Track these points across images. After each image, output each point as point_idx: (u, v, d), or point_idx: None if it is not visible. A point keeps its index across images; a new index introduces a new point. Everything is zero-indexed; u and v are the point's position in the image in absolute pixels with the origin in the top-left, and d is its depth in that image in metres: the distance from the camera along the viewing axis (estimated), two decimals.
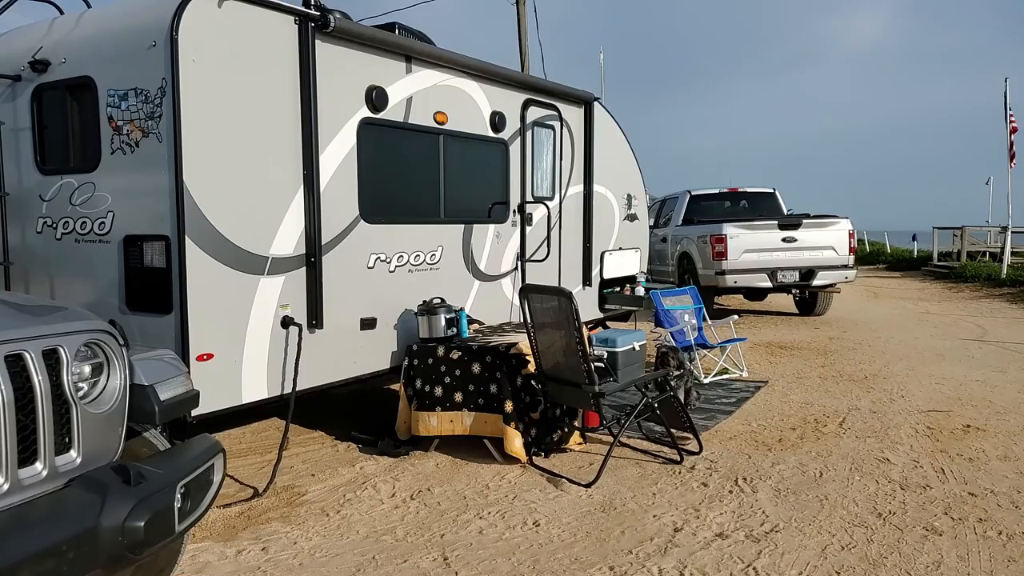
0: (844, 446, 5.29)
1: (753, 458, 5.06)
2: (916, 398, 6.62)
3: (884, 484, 4.53)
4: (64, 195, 4.50)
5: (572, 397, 4.85)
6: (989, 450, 5.13)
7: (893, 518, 4.02)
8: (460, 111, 5.91)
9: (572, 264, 7.55)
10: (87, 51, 4.35)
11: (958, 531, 3.85)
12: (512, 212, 6.59)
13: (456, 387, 4.98)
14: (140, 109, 4.09)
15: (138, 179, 4.15)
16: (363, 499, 4.41)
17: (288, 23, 4.51)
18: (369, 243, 5.15)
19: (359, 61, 5.00)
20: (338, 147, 4.90)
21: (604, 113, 7.94)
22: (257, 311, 4.42)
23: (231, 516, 4.17)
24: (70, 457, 2.41)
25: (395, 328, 5.40)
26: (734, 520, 4.03)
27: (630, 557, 3.60)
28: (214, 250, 4.16)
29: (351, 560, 3.61)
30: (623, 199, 8.47)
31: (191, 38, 3.97)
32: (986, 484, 4.50)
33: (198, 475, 2.64)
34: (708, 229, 11.69)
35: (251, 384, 4.41)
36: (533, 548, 3.73)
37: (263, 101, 4.39)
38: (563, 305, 4.57)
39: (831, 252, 11.47)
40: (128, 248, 4.23)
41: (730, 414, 6.21)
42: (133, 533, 2.28)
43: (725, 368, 7.75)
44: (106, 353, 2.61)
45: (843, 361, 8.42)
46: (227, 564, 3.57)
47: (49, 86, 4.53)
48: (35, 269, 4.70)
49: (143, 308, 4.20)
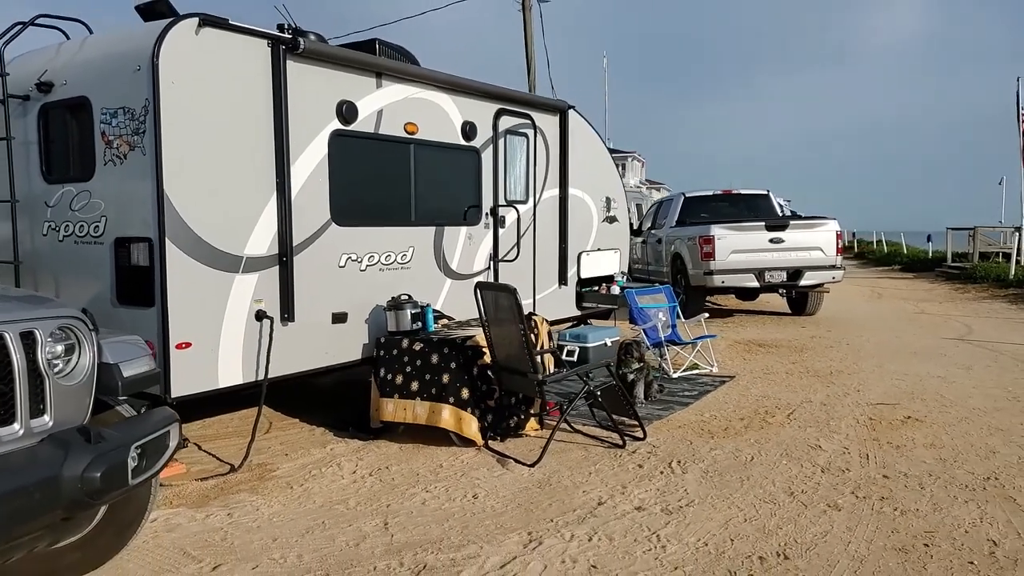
0: (783, 435, 5.65)
1: (694, 444, 5.45)
2: (871, 393, 6.94)
3: (808, 468, 4.90)
4: (65, 202, 5.05)
5: (520, 385, 5.28)
6: (919, 439, 5.47)
7: (802, 496, 4.40)
8: (431, 122, 6.38)
9: (547, 264, 7.98)
10: (84, 74, 4.89)
11: (857, 507, 4.22)
12: (485, 215, 7.04)
13: (414, 376, 5.44)
14: (127, 126, 4.61)
15: (126, 188, 4.67)
16: (326, 475, 4.88)
17: (261, 46, 5.02)
18: (340, 244, 5.64)
19: (330, 78, 5.49)
20: (310, 156, 5.39)
21: (581, 120, 8.35)
22: (232, 305, 4.92)
23: (207, 488, 4.67)
24: (43, 420, 2.90)
25: (366, 322, 5.88)
26: (656, 496, 4.43)
27: (549, 524, 4.03)
28: (192, 250, 4.67)
29: (303, 524, 4.09)
30: (602, 202, 8.87)
31: (170, 63, 4.49)
32: (903, 468, 4.85)
33: (153, 439, 3.12)
34: (697, 230, 12.04)
35: (227, 370, 4.92)
36: (466, 516, 4.17)
37: (238, 116, 4.89)
38: (509, 300, 5.02)
39: (818, 253, 11.75)
40: (118, 249, 4.76)
41: (687, 406, 6.60)
42: (90, 482, 2.76)
43: (695, 364, 8.11)
44: (77, 336, 3.10)
45: (816, 358, 8.74)
46: (195, 525, 4.06)
47: (53, 105, 5.08)
48: (42, 268, 5.25)
49: (131, 302, 4.73)
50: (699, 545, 3.75)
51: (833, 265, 11.77)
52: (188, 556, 3.69)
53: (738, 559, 3.59)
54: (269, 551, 3.74)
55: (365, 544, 3.82)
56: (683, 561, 3.58)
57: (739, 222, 12.00)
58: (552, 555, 3.65)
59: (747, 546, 3.73)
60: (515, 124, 7.37)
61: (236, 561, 3.63)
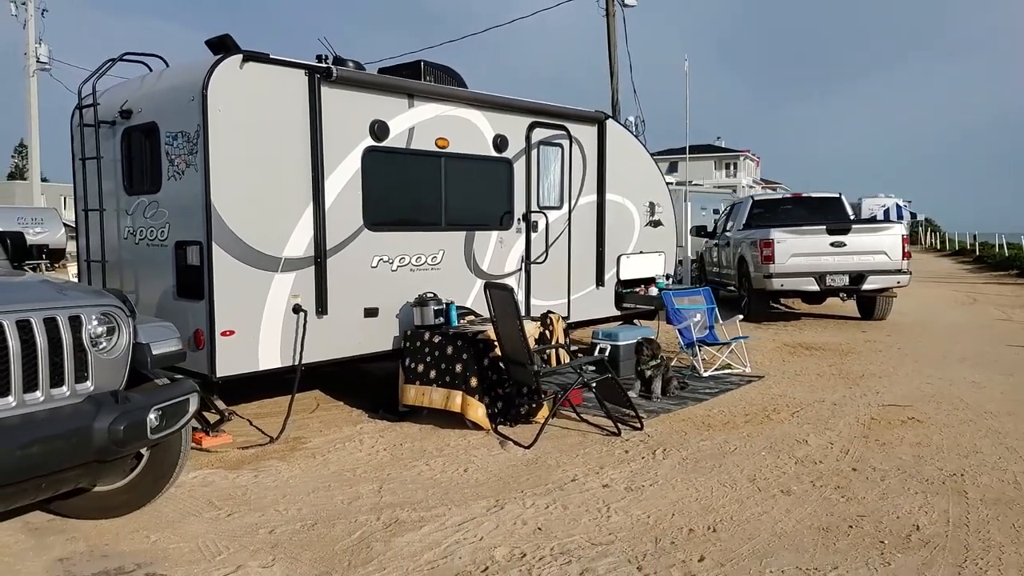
0: (777, 430, 5.91)
1: (687, 435, 5.81)
2: (889, 395, 7.01)
3: (783, 459, 5.19)
4: (140, 211, 6.02)
5: (522, 375, 5.82)
6: (909, 438, 5.60)
7: (762, 482, 4.72)
8: (462, 136, 7.01)
9: (583, 266, 8.45)
10: (154, 103, 5.83)
11: (808, 494, 4.51)
12: (517, 220, 7.61)
13: (432, 365, 6.08)
14: (184, 147, 5.50)
15: (184, 199, 5.56)
16: (348, 448, 5.60)
17: (299, 75, 5.80)
18: (372, 247, 6.36)
19: (362, 101, 6.22)
20: (344, 170, 6.14)
21: (620, 129, 8.77)
22: (272, 299, 5.73)
23: (246, 455, 5.47)
24: (86, 385, 3.73)
25: (396, 317, 6.58)
26: (627, 477, 4.87)
27: (517, 494, 4.56)
28: (236, 252, 5.50)
29: (312, 485, 4.80)
30: (644, 207, 9.24)
31: (217, 94, 5.33)
32: (875, 463, 5.05)
33: (173, 404, 3.89)
34: (758, 233, 12.11)
35: (267, 355, 5.73)
36: (451, 485, 4.76)
37: (278, 137, 5.70)
38: (507, 298, 5.57)
39: (883, 257, 11.56)
40: (178, 251, 5.66)
41: (701, 402, 6.92)
42: (115, 433, 3.55)
43: (728, 364, 8.35)
44: (117, 320, 3.92)
45: (856, 362, 8.76)
46: (226, 483, 4.85)
47: (132, 129, 6.06)
48: (122, 266, 6.26)
49: (187, 295, 5.61)
50: (642, 517, 4.18)
51: (899, 270, 11.55)
52: (212, 505, 4.47)
53: (670, 530, 4.01)
54: (276, 504, 4.47)
55: (357, 503, 4.49)
56: (619, 528, 4.03)
57: (799, 225, 11.97)
58: (507, 517, 4.19)
59: (684, 520, 4.13)
60: (549, 135, 7.89)
61: (248, 510, 4.38)
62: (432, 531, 4.02)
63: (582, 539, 3.90)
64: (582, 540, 3.89)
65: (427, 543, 3.87)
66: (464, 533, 3.99)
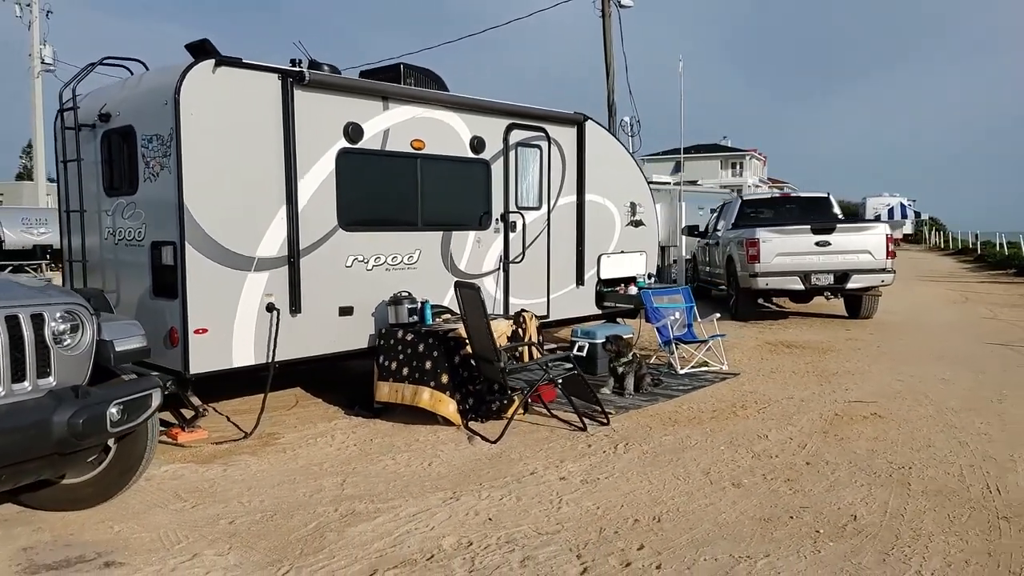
0: (741, 425, 6.02)
1: (652, 430, 5.93)
2: (857, 392, 7.11)
3: (740, 453, 5.30)
4: (118, 211, 6.17)
5: (490, 372, 5.94)
6: (868, 433, 5.70)
7: (715, 475, 4.84)
8: (438, 138, 7.14)
9: (564, 266, 8.56)
10: (131, 106, 5.98)
11: (757, 486, 4.62)
12: (495, 220, 7.74)
13: (404, 363, 6.21)
14: (159, 149, 5.64)
15: (159, 200, 5.71)
16: (319, 444, 5.73)
17: (272, 79, 5.94)
18: (347, 247, 6.49)
19: (336, 103, 6.35)
20: (318, 171, 6.28)
21: (600, 131, 8.89)
22: (245, 298, 5.87)
23: (219, 450, 5.62)
24: (48, 380, 3.87)
25: (372, 315, 6.71)
26: (585, 470, 4.99)
27: (475, 487, 4.68)
28: (209, 252, 5.64)
29: (278, 479, 4.94)
30: (625, 207, 9.35)
31: (189, 97, 5.47)
32: (830, 457, 5.16)
33: (135, 398, 4.03)
34: (745, 233, 12.20)
35: (240, 353, 5.87)
36: (412, 478, 4.89)
37: (251, 139, 5.84)
38: (475, 296, 5.70)
39: (867, 256, 11.64)
40: (153, 251, 5.81)
41: (672, 398, 7.03)
42: (74, 427, 3.69)
43: (705, 361, 8.45)
44: (80, 317, 4.06)
45: (833, 360, 8.85)
46: (195, 476, 5.00)
47: (111, 132, 6.22)
48: (104, 266, 6.42)
49: (162, 294, 5.76)
50: (591, 508, 4.30)
51: (883, 268, 11.63)
52: (178, 497, 4.61)
53: (617, 520, 4.13)
54: (240, 496, 4.61)
55: (318, 495, 4.62)
56: (568, 519, 4.15)
57: (784, 225, 12.06)
58: (461, 509, 4.32)
59: (632, 511, 4.25)
60: (527, 137, 8.02)
61: (212, 502, 4.52)
62: (386, 521, 4.15)
63: (529, 529, 4.02)
64: (529, 530, 4.01)
65: (379, 533, 4.01)
66: (416, 523, 4.12)
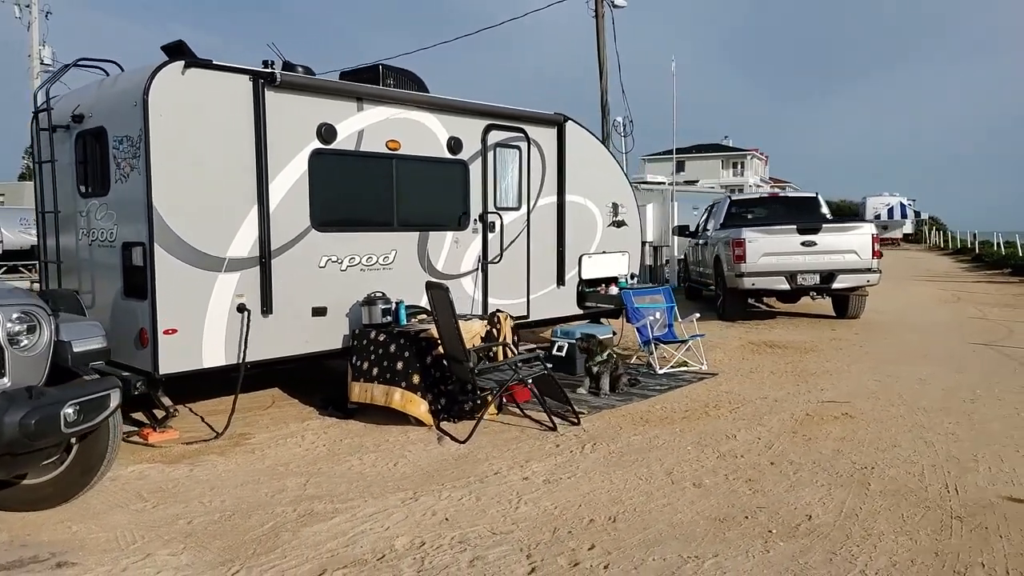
0: (711, 425, 6.03)
1: (622, 430, 5.93)
2: (832, 392, 7.11)
3: (706, 453, 5.30)
4: (92, 213, 6.20)
5: (460, 372, 5.96)
6: (836, 433, 5.71)
7: (677, 475, 4.85)
8: (414, 138, 7.15)
9: (544, 266, 8.57)
10: (103, 108, 6.00)
11: (718, 486, 4.63)
12: (474, 221, 7.75)
13: (375, 363, 6.22)
14: (129, 150, 5.66)
15: (129, 201, 5.73)
16: (289, 445, 5.75)
17: (243, 81, 5.96)
18: (320, 247, 6.51)
19: (309, 104, 6.37)
20: (290, 172, 6.29)
21: (581, 131, 8.89)
22: (216, 299, 5.89)
23: (189, 450, 5.63)
24: (2, 381, 3.89)
25: (347, 316, 6.73)
26: (549, 470, 5.00)
27: (436, 487, 4.70)
28: (178, 253, 5.66)
29: (242, 479, 4.95)
30: (607, 208, 9.36)
31: (158, 98, 5.49)
32: (794, 457, 5.16)
33: (91, 399, 4.04)
34: (731, 233, 12.20)
35: (210, 354, 5.89)
36: (375, 479, 4.91)
37: (221, 140, 5.85)
38: (444, 296, 5.71)
39: (853, 256, 11.64)
40: (124, 252, 5.83)
41: (647, 399, 7.03)
42: (26, 427, 3.71)
43: (684, 361, 8.46)
44: (37, 318, 4.09)
45: (814, 360, 8.85)
46: (160, 476, 5.02)
47: (84, 133, 6.24)
48: (76, 267, 6.44)
49: (133, 295, 5.78)
50: (549, 508, 4.32)
51: (868, 268, 11.63)
52: (140, 497, 4.63)
53: (572, 520, 4.14)
54: (202, 497, 4.62)
55: (280, 495, 4.64)
56: (524, 518, 4.16)
57: (770, 225, 12.07)
58: (419, 509, 4.33)
59: (589, 511, 4.26)
60: (506, 137, 8.03)
61: (173, 502, 4.54)
62: (342, 522, 4.16)
63: (484, 529, 4.04)
64: (484, 530, 4.02)
65: (334, 533, 4.02)
66: (372, 524, 4.13)
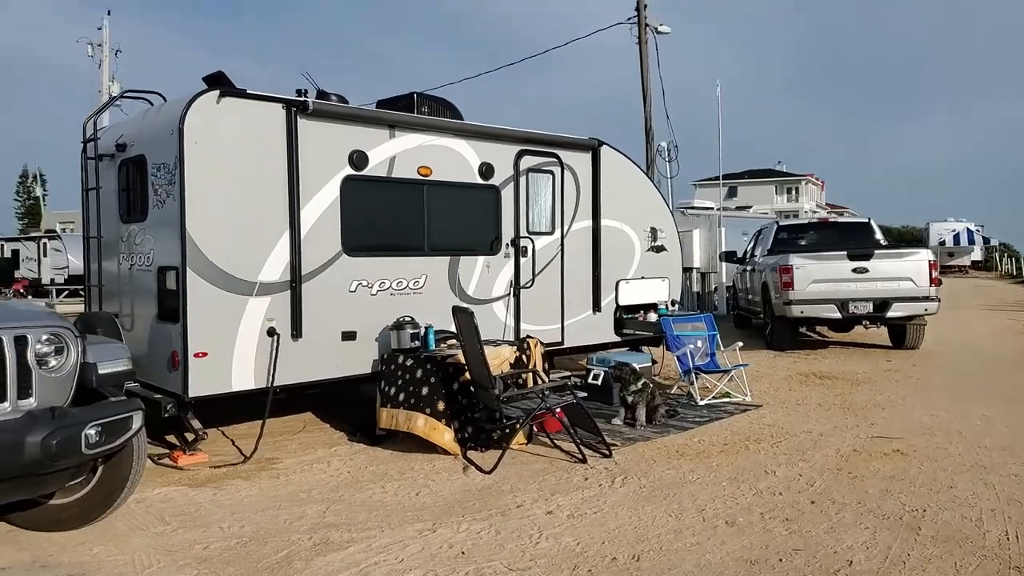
0: (750, 459, 5.76)
1: (655, 464, 5.72)
2: (884, 426, 6.75)
3: (742, 489, 5.05)
4: (132, 238, 6.33)
5: (486, 399, 5.84)
6: (885, 471, 5.39)
7: (709, 512, 4.62)
8: (446, 164, 7.14)
9: (578, 291, 8.43)
10: (143, 137, 6.15)
11: (752, 525, 4.38)
12: (505, 245, 7.68)
13: (402, 388, 6.15)
14: (165, 177, 5.77)
15: (165, 226, 5.83)
16: (314, 470, 5.70)
17: (276, 109, 6.04)
18: (351, 272, 6.51)
19: (341, 132, 6.42)
20: (323, 198, 6.33)
21: (617, 156, 8.77)
22: (246, 322, 5.92)
23: (216, 474, 5.63)
24: (29, 401, 3.94)
25: (376, 340, 6.69)
26: (575, 504, 4.82)
27: (456, 519, 4.57)
28: (210, 277, 5.72)
29: (264, 504, 4.91)
30: (645, 232, 9.18)
31: (194, 127, 5.59)
32: (838, 496, 4.88)
33: (113, 420, 4.06)
34: (779, 259, 11.86)
35: (240, 377, 5.91)
36: (395, 508, 4.80)
37: (254, 167, 5.92)
38: (469, 321, 5.62)
39: (908, 283, 11.17)
40: (159, 276, 5.92)
41: (685, 431, 6.79)
42: (47, 447, 3.73)
43: (727, 392, 8.18)
44: (65, 340, 4.14)
45: (865, 392, 8.45)
46: (184, 500, 5.01)
47: (127, 161, 6.40)
48: (118, 291, 6.57)
49: (167, 318, 5.85)
50: (571, 544, 4.14)
51: (926, 296, 11.14)
52: (162, 520, 4.62)
53: (594, 558, 3.95)
54: (222, 522, 4.59)
55: (298, 522, 4.57)
56: (543, 555, 4.00)
57: (819, 251, 11.69)
58: (436, 541, 4.20)
59: (613, 548, 4.07)
60: (539, 162, 7.97)
61: (193, 527, 4.51)
62: (356, 552, 4.06)
63: (500, 565, 3.89)
64: (500, 566, 3.87)
65: (347, 563, 3.92)
66: (386, 555, 4.02)
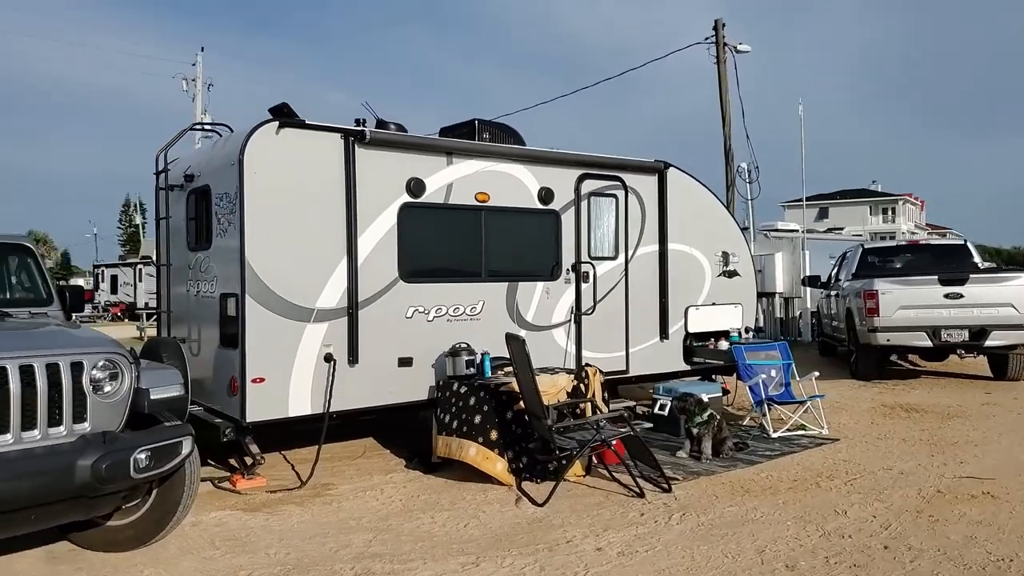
0: (819, 499, 5.40)
1: (717, 500, 5.43)
2: (974, 466, 6.22)
3: (808, 531, 4.72)
4: (198, 265, 6.54)
5: (540, 429, 5.69)
6: (972, 516, 4.93)
7: (769, 554, 4.32)
8: (504, 190, 7.10)
9: (644, 318, 8.19)
10: (208, 168, 6.37)
11: (815, 570, 4.07)
12: (566, 271, 7.55)
13: (455, 416, 6.08)
14: (227, 207, 5.94)
15: (227, 254, 5.99)
16: (367, 497, 5.68)
17: (334, 139, 6.14)
18: (407, 298, 6.52)
19: (398, 160, 6.47)
20: (380, 225, 6.38)
21: (684, 178, 8.53)
22: (303, 348, 5.99)
23: (272, 498, 5.68)
24: (83, 425, 4.06)
25: (432, 367, 6.66)
26: (627, 541, 4.61)
27: (502, 553, 4.43)
28: (269, 303, 5.82)
29: (312, 531, 4.90)
30: (717, 257, 8.87)
31: (253, 157, 5.75)
32: (915, 542, 4.48)
33: (163, 445, 4.14)
34: (863, 284, 11.26)
35: (297, 403, 5.97)
36: (441, 538, 4.71)
37: (312, 196, 6.03)
38: (520, 348, 5.51)
39: (1009, 309, 10.38)
40: (221, 302, 6.07)
41: (753, 464, 6.44)
42: (97, 471, 3.83)
43: (802, 424, 7.75)
44: (119, 366, 4.26)
45: (957, 427, 7.85)
46: (237, 523, 5.06)
47: (194, 191, 6.64)
48: (185, 317, 6.79)
49: (227, 344, 5.99)
50: None
51: None
52: (212, 544, 4.67)
53: None
54: (269, 548, 4.60)
55: (343, 551, 4.53)
56: None
57: (907, 275, 11.03)
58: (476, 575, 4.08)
59: None
60: (601, 186, 7.82)
61: (241, 552, 4.54)
62: None
63: None
64: None
65: None
66: None
